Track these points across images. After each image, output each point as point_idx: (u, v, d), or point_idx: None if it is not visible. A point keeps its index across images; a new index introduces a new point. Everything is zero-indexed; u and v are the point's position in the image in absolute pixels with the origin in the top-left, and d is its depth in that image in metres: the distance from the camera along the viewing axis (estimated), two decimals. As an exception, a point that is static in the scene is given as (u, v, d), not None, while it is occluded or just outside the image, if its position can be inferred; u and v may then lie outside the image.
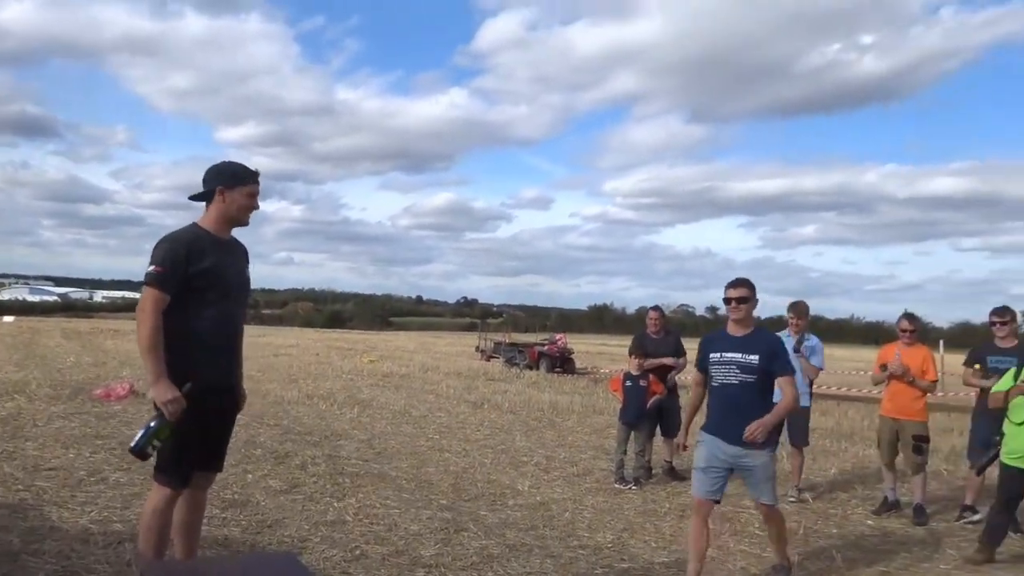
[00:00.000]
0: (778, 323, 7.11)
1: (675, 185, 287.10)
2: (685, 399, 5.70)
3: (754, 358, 4.00)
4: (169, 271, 3.05)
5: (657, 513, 5.66)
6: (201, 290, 3.11)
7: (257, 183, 3.32)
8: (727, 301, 4.13)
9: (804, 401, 6.44)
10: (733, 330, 4.15)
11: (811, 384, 6.52)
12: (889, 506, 6.02)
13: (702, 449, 4.16)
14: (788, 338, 6.47)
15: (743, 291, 4.10)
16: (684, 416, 4.65)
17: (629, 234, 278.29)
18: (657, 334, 7.23)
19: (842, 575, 4.51)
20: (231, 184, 3.23)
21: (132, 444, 3.01)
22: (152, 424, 2.99)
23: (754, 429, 3.88)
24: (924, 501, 5.89)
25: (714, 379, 4.13)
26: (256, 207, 3.33)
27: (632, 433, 6.84)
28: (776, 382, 4.05)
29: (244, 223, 3.34)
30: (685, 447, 4.62)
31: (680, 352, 7.21)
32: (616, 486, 6.46)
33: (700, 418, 4.32)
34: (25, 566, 3.68)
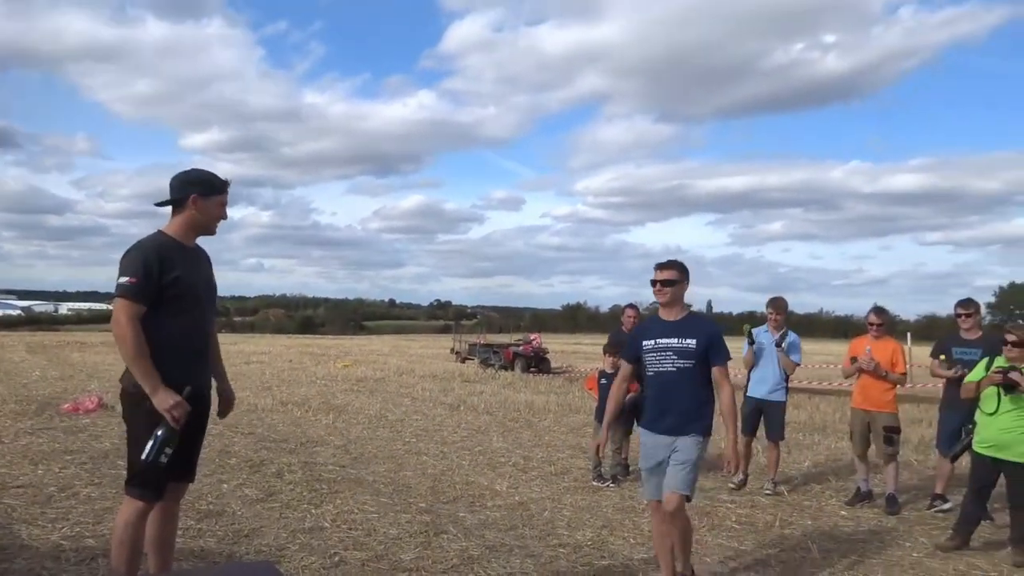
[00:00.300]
0: (749, 318, 7.20)
1: (644, 184, 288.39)
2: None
3: (691, 342, 3.80)
4: (142, 282, 3.00)
5: (635, 510, 5.68)
6: (173, 299, 3.06)
7: (227, 193, 3.30)
8: (653, 283, 3.92)
9: (780, 396, 6.54)
10: (665, 315, 3.95)
11: (787, 379, 6.60)
12: (862, 496, 6.12)
13: (642, 448, 4.01)
14: (767, 333, 6.57)
15: (669, 273, 3.90)
16: (605, 416, 4.36)
17: (600, 233, 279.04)
18: (632, 332, 7.27)
19: (818, 565, 4.57)
20: (206, 193, 3.20)
21: (144, 455, 2.95)
22: (159, 433, 2.94)
23: (732, 464, 3.87)
24: (896, 491, 5.99)
25: (649, 367, 3.92)
26: (225, 217, 3.31)
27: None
28: (712, 371, 3.87)
29: (212, 232, 3.32)
30: (604, 454, 4.37)
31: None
32: (594, 484, 6.48)
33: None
34: (-6, 585, 3.61)
